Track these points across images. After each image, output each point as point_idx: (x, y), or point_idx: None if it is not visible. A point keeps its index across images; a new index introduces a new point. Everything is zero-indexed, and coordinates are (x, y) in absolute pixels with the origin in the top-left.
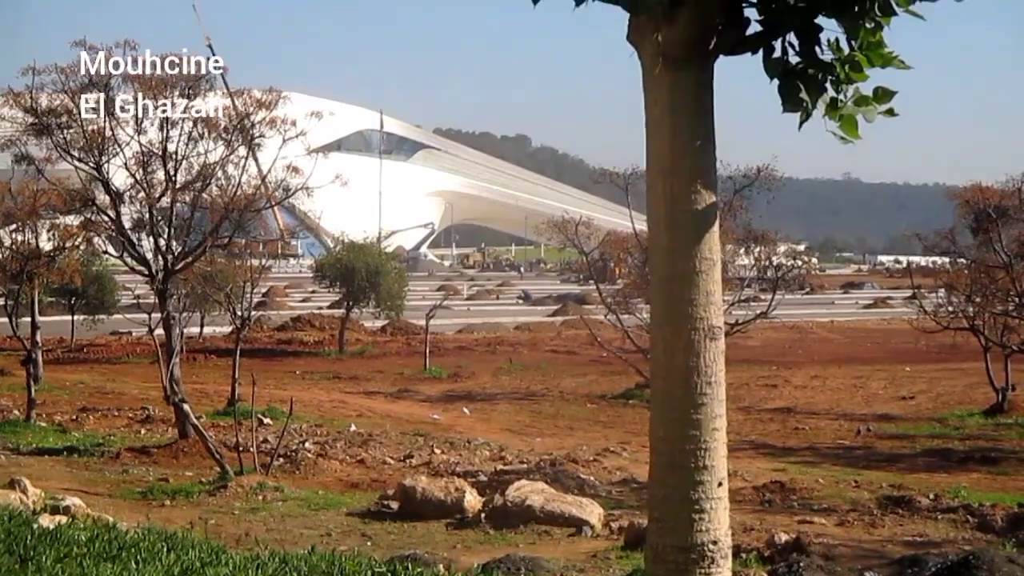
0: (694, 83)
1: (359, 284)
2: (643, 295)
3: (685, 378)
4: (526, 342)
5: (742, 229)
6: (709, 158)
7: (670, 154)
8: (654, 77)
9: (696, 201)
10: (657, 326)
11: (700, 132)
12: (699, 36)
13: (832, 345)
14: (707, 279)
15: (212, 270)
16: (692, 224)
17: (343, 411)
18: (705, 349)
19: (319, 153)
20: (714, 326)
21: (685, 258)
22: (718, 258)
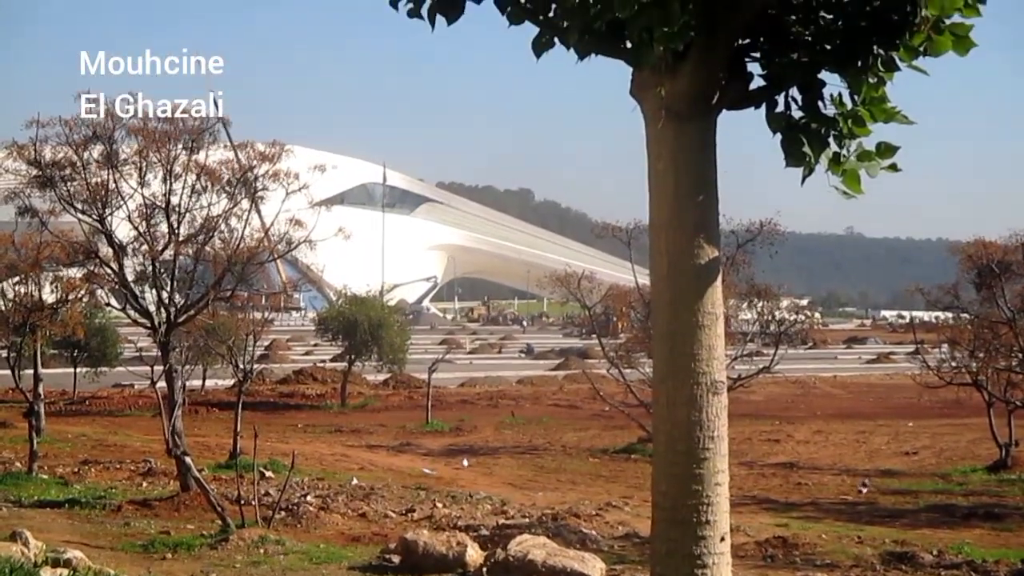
0: (697, 137)
1: (361, 337)
2: (646, 349)
3: (688, 432)
4: (528, 396)
5: (745, 283)
6: (712, 212)
7: (673, 208)
8: (657, 131)
9: (698, 255)
10: (660, 380)
11: (703, 186)
12: (702, 90)
13: (835, 400)
14: (710, 333)
15: (214, 323)
16: (694, 278)
17: (345, 464)
18: (708, 403)
19: (322, 206)
20: (717, 380)
21: (688, 312)
22: (720, 312)
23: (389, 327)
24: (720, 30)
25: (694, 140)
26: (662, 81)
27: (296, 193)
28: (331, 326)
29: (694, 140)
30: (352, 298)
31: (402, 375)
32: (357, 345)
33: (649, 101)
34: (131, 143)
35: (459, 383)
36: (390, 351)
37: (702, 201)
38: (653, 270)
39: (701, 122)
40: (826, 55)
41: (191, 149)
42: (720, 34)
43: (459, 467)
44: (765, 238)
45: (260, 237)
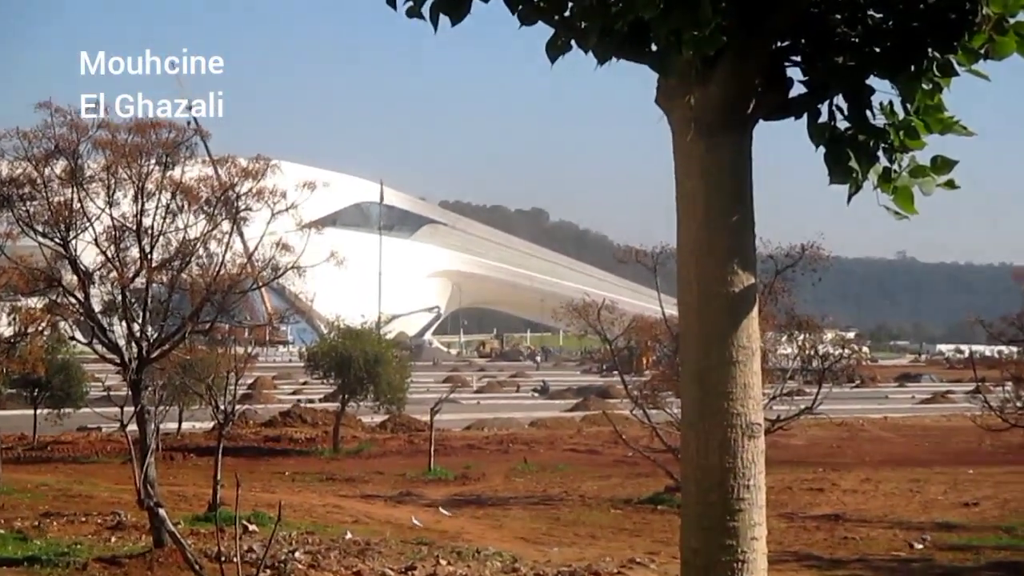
0: (730, 151)
1: (356, 375)
2: (674, 388)
3: (720, 481)
4: (542, 440)
5: (784, 314)
6: (747, 235)
7: (704, 231)
8: (686, 144)
9: (732, 283)
10: (689, 423)
11: (737, 206)
12: (736, 99)
13: (886, 444)
14: (745, 370)
15: (192, 359)
16: (728, 309)
17: (338, 517)
18: (743, 448)
19: (312, 228)
20: (753, 423)
21: (720, 347)
22: (757, 347)
23: (387, 363)
24: (756, 32)
25: (727, 155)
26: (691, 89)
27: (283, 214)
28: (322, 362)
29: (727, 155)
30: (345, 331)
31: (401, 417)
32: (351, 383)
33: (677, 111)
34: (98, 158)
35: (465, 425)
36: (388, 390)
37: (736, 223)
38: (682, 300)
39: (735, 135)
40: (875, 59)
41: (165, 164)
42: (756, 36)
43: (452, 518)
44: (807, 264)
45: (243, 263)
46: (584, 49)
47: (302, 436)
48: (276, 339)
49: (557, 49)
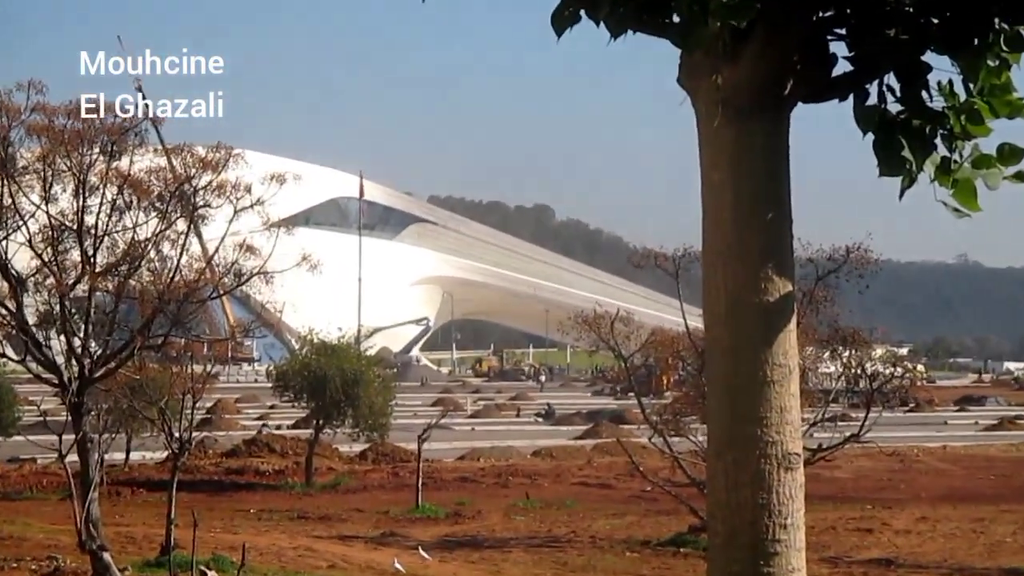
0: (764, 138)
1: (332, 397)
2: (698, 412)
3: (753, 520)
4: (547, 472)
5: (826, 327)
6: (783, 235)
7: (733, 230)
8: (713, 131)
9: (767, 290)
10: (717, 452)
11: (772, 202)
12: (771, 78)
13: (944, 478)
14: (781, 391)
15: (142, 378)
16: (761, 320)
17: (311, 561)
18: (779, 482)
19: (281, 228)
20: (790, 452)
21: (752, 364)
22: (795, 364)
23: (368, 384)
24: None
25: (760, 142)
26: (719, 67)
27: (248, 211)
28: (293, 382)
29: (760, 142)
30: (320, 346)
31: (384, 445)
32: (326, 407)
33: (702, 93)
34: (32, 146)
35: (458, 455)
36: (369, 415)
37: (771, 221)
38: (708, 310)
39: (770, 119)
40: (933, 31)
41: (111, 153)
42: (795, 5)
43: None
44: (853, 268)
45: (201, 268)
46: (595, 21)
47: (270, 468)
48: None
49: (564, 20)
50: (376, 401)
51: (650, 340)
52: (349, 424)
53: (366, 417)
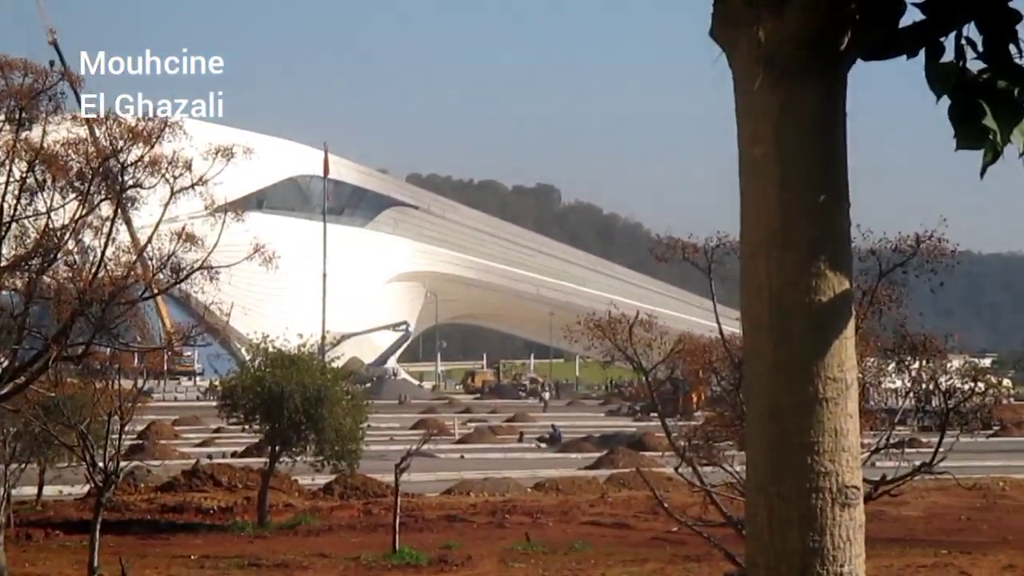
0: (816, 103)
1: (291, 418)
2: (736, 437)
3: (803, 568)
4: (552, 509)
5: (891, 333)
6: (839, 221)
7: (779, 215)
8: (753, 95)
9: (819, 288)
10: (758, 486)
11: (826, 181)
12: (824, 30)
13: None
14: (836, 411)
15: (58, 396)
16: (813, 325)
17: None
18: (833, 522)
19: (229, 213)
20: (847, 485)
21: (802, 379)
22: (854, 379)
23: (334, 402)
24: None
25: (811, 108)
26: (761, 16)
27: (188, 192)
28: (243, 400)
29: (811, 108)
30: (276, 357)
31: (355, 477)
32: (284, 430)
33: (741, 48)
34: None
35: (444, 488)
36: (336, 440)
37: (824, 204)
38: (748, 313)
39: (822, 80)
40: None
41: (19, 121)
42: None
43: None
44: (924, 261)
45: (131, 261)
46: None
47: (215, 505)
48: (178, 368)
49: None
50: (344, 423)
51: (677, 349)
52: (311, 451)
53: (332, 443)
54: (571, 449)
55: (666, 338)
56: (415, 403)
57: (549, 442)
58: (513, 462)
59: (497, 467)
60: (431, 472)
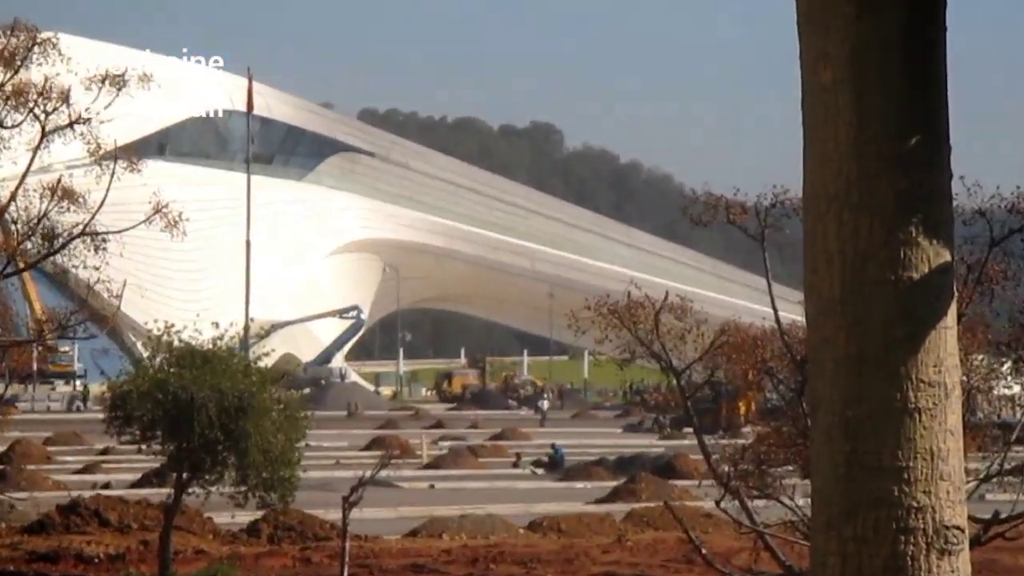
0: (904, 18)
1: (203, 435)
2: (798, 460)
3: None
4: (552, 557)
5: (1007, 321)
6: (936, 172)
7: (855, 164)
8: (819, 7)
9: (908, 262)
10: (829, 523)
11: (918, 119)
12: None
13: None
14: (932, 426)
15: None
16: (900, 311)
17: None
18: (929, 572)
19: (121, 161)
20: (948, 526)
21: (885, 382)
22: (956, 382)
23: (262, 414)
24: None
25: (898, 23)
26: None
27: (64, 133)
28: (139, 412)
29: (898, 23)
30: (183, 353)
31: (289, 514)
32: (194, 452)
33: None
34: None
35: (409, 529)
36: (263, 464)
37: (916, 149)
38: (814, 294)
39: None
40: None
41: None
42: None
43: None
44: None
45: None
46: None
47: (101, 552)
48: (52, 369)
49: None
50: (275, 442)
51: (718, 343)
52: (231, 479)
53: (258, 468)
54: (578, 476)
55: (704, 328)
56: (369, 415)
57: (548, 467)
58: (500, 493)
59: (479, 500)
60: (391, 507)
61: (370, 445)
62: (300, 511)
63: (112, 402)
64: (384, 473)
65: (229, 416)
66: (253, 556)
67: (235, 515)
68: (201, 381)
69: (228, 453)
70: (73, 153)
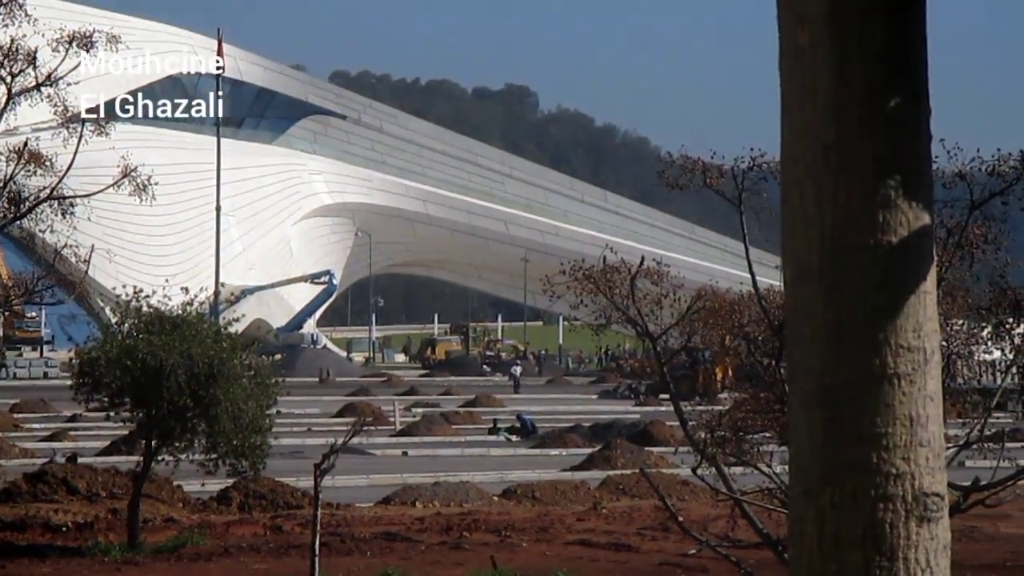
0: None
1: (173, 402)
2: (775, 426)
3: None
4: (527, 524)
5: (987, 286)
6: (915, 134)
7: (833, 127)
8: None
9: (888, 225)
10: (806, 491)
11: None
12: None
13: None
14: (911, 392)
15: None
16: (879, 275)
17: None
18: (908, 541)
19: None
20: (927, 492)
21: (864, 347)
22: (936, 348)
23: (231, 380)
24: None
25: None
26: None
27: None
28: (107, 378)
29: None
30: (152, 318)
31: (260, 482)
32: (163, 419)
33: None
34: None
35: (381, 497)
36: (234, 431)
37: (895, 111)
38: (792, 259)
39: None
40: None
41: None
42: None
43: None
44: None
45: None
46: None
47: (69, 520)
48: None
49: None
50: (245, 409)
51: (695, 308)
52: (200, 447)
53: (228, 435)
54: (553, 443)
55: (681, 293)
56: (341, 381)
57: (520, 434)
58: (474, 461)
59: (452, 468)
60: (363, 475)
61: (342, 412)
62: (271, 479)
63: (80, 369)
64: (356, 440)
65: (199, 383)
66: (223, 524)
67: (205, 483)
68: (170, 347)
69: (198, 420)
70: (40, 116)
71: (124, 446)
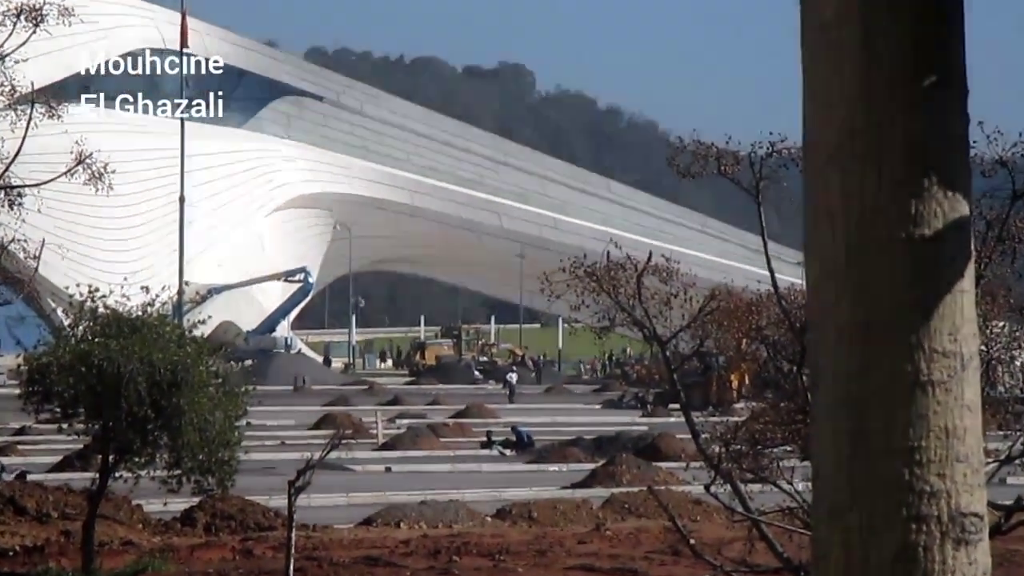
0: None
1: (132, 413)
2: (796, 439)
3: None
4: (523, 548)
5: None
6: (951, 118)
7: (860, 110)
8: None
9: (920, 217)
10: (832, 511)
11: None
12: None
13: None
14: (947, 401)
15: None
16: (911, 272)
17: None
18: (944, 566)
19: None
20: (965, 513)
21: (895, 353)
22: (974, 353)
23: (197, 388)
24: None
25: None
26: None
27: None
28: (59, 387)
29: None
30: (110, 320)
31: (228, 501)
32: (122, 431)
33: None
34: None
35: (362, 518)
36: (200, 445)
37: (928, 91)
38: (815, 254)
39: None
40: None
41: None
42: None
43: None
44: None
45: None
46: None
47: (16, 544)
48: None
49: None
50: (212, 420)
51: (708, 309)
52: (163, 462)
53: (194, 449)
54: (552, 458)
55: (692, 292)
56: (318, 390)
57: (515, 448)
58: (465, 478)
59: (441, 485)
60: (343, 493)
61: (319, 423)
62: (240, 497)
63: (29, 376)
64: (334, 455)
65: (161, 391)
66: (188, 548)
67: (168, 502)
68: (129, 352)
69: (160, 432)
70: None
71: (78, 461)
